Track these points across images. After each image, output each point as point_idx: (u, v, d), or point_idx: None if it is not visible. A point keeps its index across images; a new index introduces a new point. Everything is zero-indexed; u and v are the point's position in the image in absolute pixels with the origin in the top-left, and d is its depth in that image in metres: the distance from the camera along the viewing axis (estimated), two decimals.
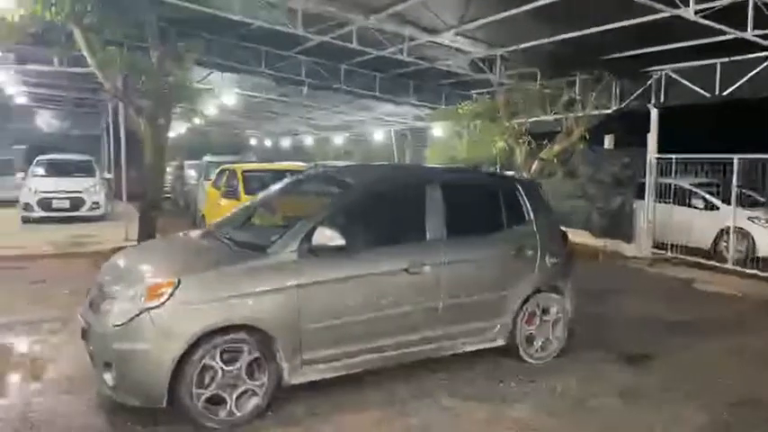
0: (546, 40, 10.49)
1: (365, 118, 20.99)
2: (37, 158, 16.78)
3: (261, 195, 5.89)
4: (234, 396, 4.07)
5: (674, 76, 11.71)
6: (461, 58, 12.60)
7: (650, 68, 11.87)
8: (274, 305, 4.17)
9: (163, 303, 3.89)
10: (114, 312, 4.00)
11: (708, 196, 11.97)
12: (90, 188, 15.38)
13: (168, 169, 17.06)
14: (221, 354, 4.01)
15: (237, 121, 25.54)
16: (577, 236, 13.37)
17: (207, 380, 3.99)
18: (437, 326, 4.90)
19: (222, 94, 14.79)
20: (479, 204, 5.42)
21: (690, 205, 12.15)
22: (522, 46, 11.23)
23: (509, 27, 10.16)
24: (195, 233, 5.48)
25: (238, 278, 4.12)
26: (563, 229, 5.90)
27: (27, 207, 14.71)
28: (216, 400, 4.03)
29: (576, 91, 12.62)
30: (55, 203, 14.81)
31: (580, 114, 12.61)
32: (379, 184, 5.07)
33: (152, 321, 3.86)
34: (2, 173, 19.21)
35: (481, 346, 5.24)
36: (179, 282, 3.96)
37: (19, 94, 21.24)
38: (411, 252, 4.80)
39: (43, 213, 14.65)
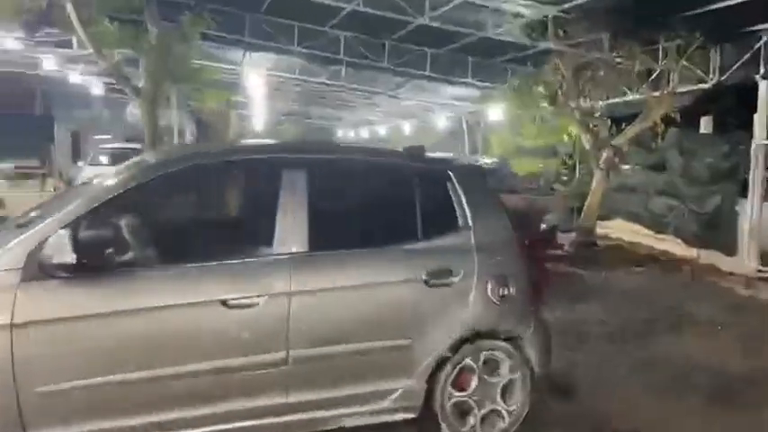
0: None
1: (428, 102, 19.04)
2: None
3: None
4: None
5: None
6: (513, 23, 10.46)
7: (758, 27, 8.98)
8: None
9: None
10: None
11: None
12: None
13: None
14: None
15: (306, 111, 24.56)
16: (665, 243, 10.79)
17: None
18: (283, 391, 3.13)
19: (248, 76, 13.59)
20: (376, 201, 3.53)
21: None
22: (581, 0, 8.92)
23: None
24: None
25: None
26: (527, 239, 3.82)
27: None
28: None
29: (660, 60, 9.99)
30: None
31: (664, 91, 9.99)
32: (186, 163, 3.25)
33: None
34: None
35: (371, 421, 3.39)
36: None
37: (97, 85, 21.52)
38: (237, 273, 3.08)
39: None
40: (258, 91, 16.44)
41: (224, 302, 2.97)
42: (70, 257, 2.70)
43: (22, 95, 22.93)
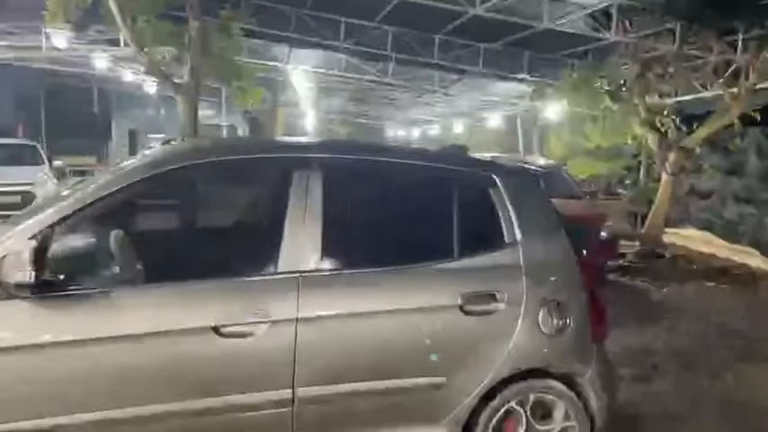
0: None
1: (480, 100, 18.28)
2: None
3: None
4: None
5: None
6: (575, 14, 9.68)
7: None
8: None
9: None
10: None
11: None
12: None
13: None
14: None
15: (355, 110, 24.16)
16: (740, 255, 9.77)
17: None
18: None
19: (293, 74, 13.25)
20: (405, 211, 2.96)
21: None
22: None
23: None
24: None
25: None
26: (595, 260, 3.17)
27: None
28: None
29: (738, 53, 9.01)
30: None
31: (742, 88, 9.00)
32: (176, 164, 2.69)
33: None
34: None
35: None
36: None
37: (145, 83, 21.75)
38: (234, 294, 2.58)
39: None
40: (305, 89, 16.13)
41: (217, 329, 2.48)
42: (31, 275, 2.26)
43: (80, 95, 23.56)
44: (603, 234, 8.30)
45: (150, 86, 21.68)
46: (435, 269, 2.85)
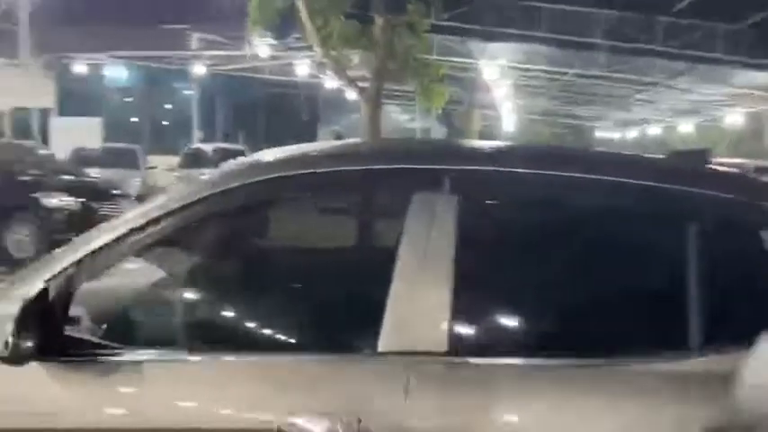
0: None
1: (716, 94, 15.31)
2: None
3: None
4: None
5: None
6: None
7: None
8: None
9: None
10: None
11: None
12: None
13: None
14: None
15: (560, 109, 22.14)
16: None
17: None
18: None
19: (486, 70, 12.12)
20: (598, 263, 1.69)
21: None
22: None
23: None
24: None
25: None
26: None
27: None
28: None
29: None
30: None
31: None
32: (245, 179, 1.70)
33: None
34: None
35: None
36: None
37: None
38: (310, 379, 1.59)
39: None
40: (502, 87, 14.93)
41: None
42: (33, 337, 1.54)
43: (290, 102, 25.28)
44: None
45: (351, 92, 22.33)
46: (655, 371, 1.57)
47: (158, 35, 15.40)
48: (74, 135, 15.17)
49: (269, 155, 2.09)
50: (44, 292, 1.58)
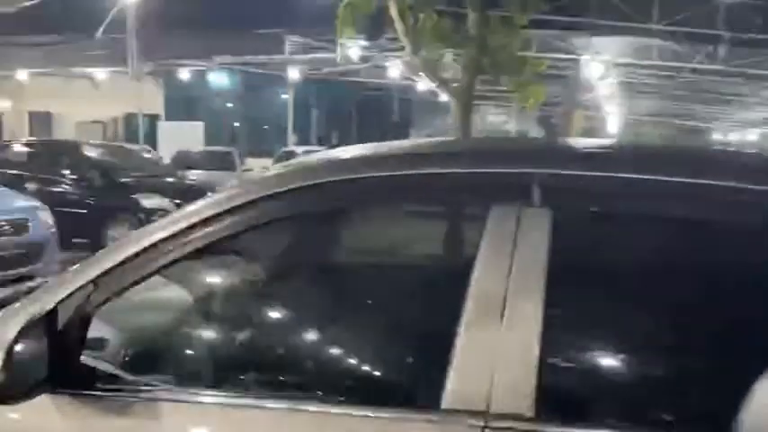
0: None
1: None
2: None
3: None
4: None
5: None
6: None
7: None
8: None
9: None
10: None
11: None
12: None
13: None
14: None
15: (673, 109, 20.49)
16: None
17: None
18: None
19: (589, 67, 11.31)
20: (735, 307, 1.23)
21: None
22: None
23: None
24: None
25: None
26: None
27: None
28: None
29: None
30: None
31: None
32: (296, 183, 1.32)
33: None
34: None
35: None
36: None
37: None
38: None
39: None
40: (607, 85, 13.96)
41: None
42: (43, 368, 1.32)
43: (384, 105, 25.35)
44: None
45: (443, 93, 21.96)
46: None
47: (255, 39, 15.79)
48: (179, 138, 15.93)
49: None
50: (52, 314, 1.35)
